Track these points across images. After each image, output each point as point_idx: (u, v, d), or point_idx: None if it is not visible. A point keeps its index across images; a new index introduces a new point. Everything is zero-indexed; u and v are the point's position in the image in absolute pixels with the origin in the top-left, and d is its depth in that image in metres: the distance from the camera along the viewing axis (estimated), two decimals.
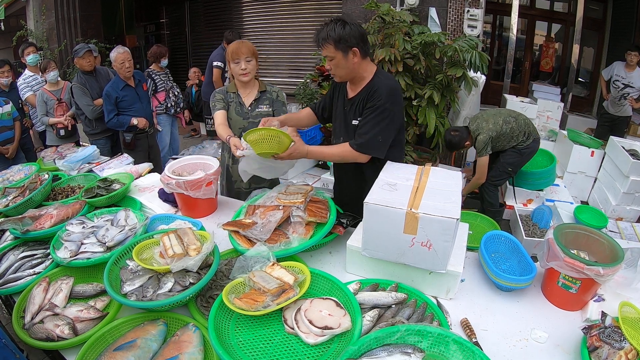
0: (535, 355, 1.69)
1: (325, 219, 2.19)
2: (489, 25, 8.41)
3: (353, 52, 2.26)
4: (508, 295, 2.02)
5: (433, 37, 4.47)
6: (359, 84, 2.44)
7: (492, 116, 4.39)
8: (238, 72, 2.94)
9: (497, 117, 4.36)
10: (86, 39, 7.98)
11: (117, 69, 4.47)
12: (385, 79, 2.40)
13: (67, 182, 3.16)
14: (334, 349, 1.60)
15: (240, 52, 2.91)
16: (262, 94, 3.12)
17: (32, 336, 1.75)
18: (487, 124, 4.32)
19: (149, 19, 10.82)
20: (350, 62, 2.29)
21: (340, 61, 2.29)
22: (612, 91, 6.37)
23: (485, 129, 4.30)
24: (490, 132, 4.27)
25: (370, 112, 2.36)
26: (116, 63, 4.43)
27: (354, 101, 2.45)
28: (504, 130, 4.30)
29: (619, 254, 1.90)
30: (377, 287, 1.95)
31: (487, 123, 4.32)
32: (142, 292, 1.81)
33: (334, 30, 2.22)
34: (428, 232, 1.80)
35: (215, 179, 2.69)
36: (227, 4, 8.61)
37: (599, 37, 8.03)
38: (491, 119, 4.35)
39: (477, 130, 4.36)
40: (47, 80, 5.02)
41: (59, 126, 4.93)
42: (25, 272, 2.16)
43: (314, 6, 7.32)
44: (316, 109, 2.81)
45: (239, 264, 1.91)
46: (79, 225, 2.33)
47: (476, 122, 4.43)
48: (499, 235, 2.33)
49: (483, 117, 4.42)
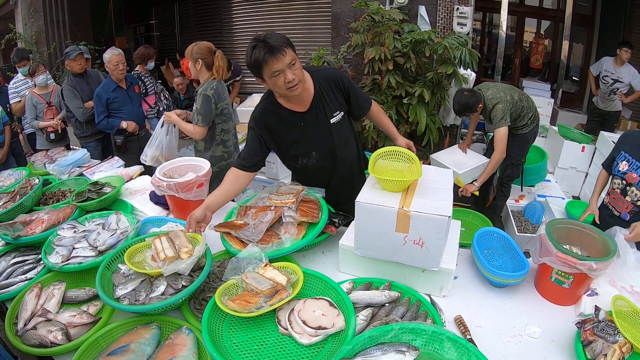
0: (530, 350, 1.69)
1: (317, 219, 2.19)
2: (478, 22, 8.45)
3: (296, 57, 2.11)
4: (501, 292, 2.02)
5: (423, 35, 4.48)
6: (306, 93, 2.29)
7: (507, 89, 4.22)
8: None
9: (512, 91, 4.21)
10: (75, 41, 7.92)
11: (111, 70, 4.44)
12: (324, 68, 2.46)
13: (58, 186, 3.13)
14: (328, 349, 1.60)
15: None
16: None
17: (26, 342, 1.73)
18: (504, 95, 4.13)
19: (138, 21, 10.77)
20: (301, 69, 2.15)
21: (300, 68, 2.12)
22: (602, 87, 6.41)
23: (503, 99, 4.10)
24: (508, 103, 4.09)
25: (352, 89, 2.40)
26: (110, 64, 4.41)
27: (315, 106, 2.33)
28: (517, 107, 4.18)
29: (611, 248, 1.91)
30: (370, 286, 1.95)
31: (505, 94, 4.13)
32: (135, 295, 1.80)
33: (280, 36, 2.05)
34: (420, 230, 1.81)
35: (206, 181, 2.68)
36: (217, 5, 8.59)
37: (588, 33, 8.08)
38: (507, 91, 4.18)
39: (494, 99, 4.14)
40: (36, 83, 4.99)
41: (49, 130, 4.90)
42: (17, 278, 2.14)
43: (304, 6, 7.31)
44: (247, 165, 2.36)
45: (232, 266, 1.91)
46: (70, 229, 2.32)
47: (490, 90, 4.22)
48: (492, 232, 2.33)
49: (498, 88, 4.23)
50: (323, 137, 2.41)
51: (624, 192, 2.72)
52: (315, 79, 2.32)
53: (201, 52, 3.40)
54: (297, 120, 2.34)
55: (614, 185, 2.84)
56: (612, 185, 2.86)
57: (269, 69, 2.03)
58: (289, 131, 2.37)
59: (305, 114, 2.34)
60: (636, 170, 2.65)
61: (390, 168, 2.15)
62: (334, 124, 2.39)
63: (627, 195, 2.70)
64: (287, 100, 2.30)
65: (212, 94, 3.34)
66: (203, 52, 3.41)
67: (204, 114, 3.35)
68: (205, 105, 3.33)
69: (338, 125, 2.41)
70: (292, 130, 2.37)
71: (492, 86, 4.30)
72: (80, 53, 4.71)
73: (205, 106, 3.33)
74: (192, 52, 3.41)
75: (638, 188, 2.64)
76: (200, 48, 3.42)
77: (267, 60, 2.00)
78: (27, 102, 4.97)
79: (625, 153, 2.74)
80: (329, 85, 2.35)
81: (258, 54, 2.00)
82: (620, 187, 2.74)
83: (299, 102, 2.30)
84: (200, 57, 3.40)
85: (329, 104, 2.36)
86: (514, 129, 4.36)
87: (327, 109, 2.35)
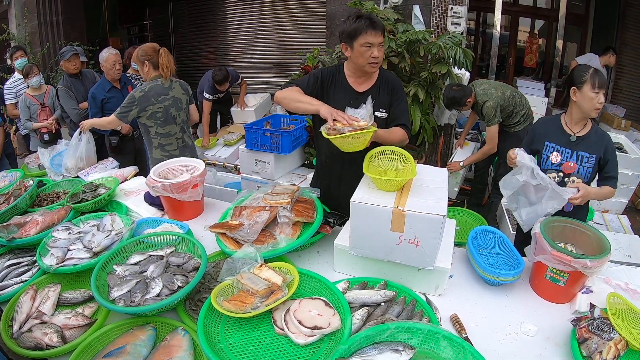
0: (526, 348, 1.70)
1: (312, 219, 2.19)
2: (472, 22, 8.47)
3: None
4: (497, 290, 2.03)
5: (417, 34, 4.47)
6: (370, 78, 2.51)
7: (499, 86, 4.31)
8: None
9: (504, 88, 4.30)
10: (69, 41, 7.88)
11: (107, 69, 4.41)
12: (393, 74, 2.63)
13: (52, 187, 3.13)
14: (325, 349, 1.60)
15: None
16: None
17: (21, 345, 1.72)
18: (495, 91, 4.22)
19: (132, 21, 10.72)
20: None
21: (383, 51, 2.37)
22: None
23: (494, 95, 4.20)
24: (498, 99, 4.19)
25: (401, 102, 2.53)
26: (107, 64, 4.38)
27: (371, 94, 2.43)
28: (510, 103, 4.25)
29: (605, 246, 1.92)
30: (366, 285, 1.95)
31: (496, 91, 4.23)
32: (130, 297, 1.80)
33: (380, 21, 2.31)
34: (415, 229, 1.81)
35: (201, 181, 2.67)
36: (211, 5, 8.56)
37: (582, 32, 8.10)
38: (499, 88, 4.27)
39: (484, 96, 4.26)
40: (30, 85, 4.96)
41: (43, 131, 4.87)
42: (12, 280, 2.14)
43: (298, 6, 7.30)
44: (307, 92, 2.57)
45: (227, 266, 1.90)
46: (65, 231, 2.31)
47: (482, 86, 4.32)
48: (486, 231, 2.35)
49: (490, 85, 4.33)
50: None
51: (562, 184, 2.54)
52: (381, 74, 2.53)
53: (146, 54, 3.38)
54: (351, 96, 2.50)
55: None
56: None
57: (365, 39, 2.28)
58: (338, 98, 2.50)
59: (360, 95, 2.48)
60: (570, 158, 2.53)
61: (385, 168, 2.15)
62: (377, 118, 2.46)
63: (567, 186, 2.54)
64: (353, 77, 2.51)
65: (139, 96, 3.28)
66: (147, 53, 3.39)
67: (121, 109, 3.29)
68: (127, 103, 3.29)
69: (379, 121, 2.48)
70: (342, 100, 2.48)
71: (485, 82, 4.40)
72: (75, 53, 4.68)
73: (126, 103, 3.29)
74: (138, 56, 3.40)
75: (578, 176, 2.53)
76: (143, 50, 3.39)
77: (368, 31, 2.26)
78: (21, 103, 4.94)
79: (552, 143, 2.59)
80: (388, 84, 2.52)
81: (361, 23, 2.27)
82: (557, 180, 2.58)
83: (362, 82, 2.52)
84: (145, 59, 3.38)
85: (381, 99, 2.48)
86: (507, 126, 4.40)
87: (378, 101, 2.44)
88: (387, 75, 2.56)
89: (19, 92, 5.39)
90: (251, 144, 4.63)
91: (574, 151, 2.52)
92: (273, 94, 6.83)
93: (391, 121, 2.53)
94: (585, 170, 2.51)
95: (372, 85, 2.50)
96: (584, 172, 2.52)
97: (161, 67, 3.39)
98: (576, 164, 2.52)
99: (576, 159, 2.52)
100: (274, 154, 4.54)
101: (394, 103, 2.51)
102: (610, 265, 2.22)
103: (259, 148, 4.59)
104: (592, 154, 2.49)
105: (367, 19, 2.27)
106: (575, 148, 2.52)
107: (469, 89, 4.30)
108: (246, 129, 4.65)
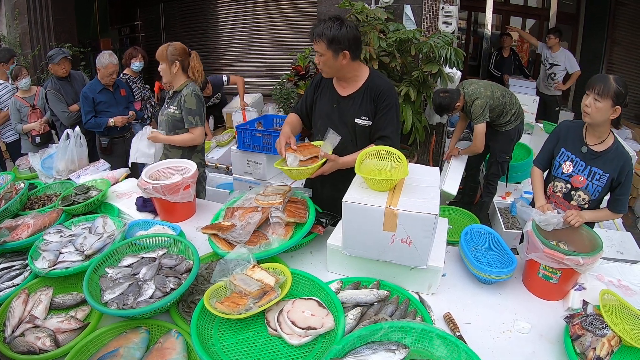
0: (519, 346, 1.71)
1: (304, 219, 2.19)
2: (464, 21, 8.49)
3: (343, 54, 2.32)
4: (490, 288, 2.04)
5: (408, 34, 4.47)
6: (353, 84, 2.50)
7: (489, 85, 4.33)
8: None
9: (494, 87, 4.32)
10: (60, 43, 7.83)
11: (103, 75, 4.40)
12: (385, 79, 2.54)
13: (44, 190, 3.10)
14: (318, 349, 1.60)
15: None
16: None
17: (14, 350, 1.71)
18: (485, 90, 4.24)
19: (123, 22, 10.66)
20: (339, 62, 2.35)
21: (329, 60, 2.34)
22: (542, 71, 6.79)
23: (483, 94, 4.21)
24: (487, 99, 4.20)
25: (387, 111, 2.44)
26: (106, 70, 4.37)
27: (353, 99, 2.48)
28: (499, 102, 4.27)
29: (598, 243, 1.93)
30: (359, 285, 1.95)
31: (485, 90, 4.24)
32: (123, 300, 1.79)
33: (330, 29, 2.26)
34: (407, 228, 1.81)
35: (193, 182, 2.66)
36: (203, 5, 8.54)
37: (573, 31, 8.15)
38: (489, 87, 4.29)
39: (474, 95, 4.26)
40: (19, 87, 4.90)
41: (33, 133, 4.82)
42: (4, 284, 2.11)
43: (289, 6, 7.31)
44: (301, 113, 2.76)
45: (220, 268, 1.90)
46: (57, 234, 2.29)
47: (471, 86, 4.32)
48: (479, 229, 2.35)
49: (480, 84, 4.34)
50: (343, 127, 2.52)
51: (568, 197, 2.51)
52: (369, 79, 2.49)
53: (178, 53, 3.19)
54: (334, 99, 2.56)
55: (554, 188, 2.60)
56: (553, 187, 2.62)
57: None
58: (323, 101, 2.61)
59: (343, 99, 2.53)
60: (582, 172, 2.43)
61: (377, 167, 2.15)
62: (359, 126, 2.49)
63: (573, 199, 2.49)
64: (336, 81, 2.56)
65: (200, 94, 3.25)
66: (180, 53, 3.20)
67: (200, 113, 3.23)
68: (200, 105, 3.22)
69: (360, 129, 2.50)
70: (326, 103, 2.59)
71: (474, 82, 4.41)
72: (64, 57, 4.65)
73: (199, 105, 3.21)
74: (167, 54, 3.16)
75: (585, 192, 2.44)
76: (176, 49, 3.19)
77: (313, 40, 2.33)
78: (11, 106, 4.86)
79: (567, 151, 2.49)
80: (373, 90, 2.46)
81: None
82: (564, 190, 2.52)
83: (345, 86, 2.53)
84: (177, 59, 3.18)
85: (363, 106, 2.47)
86: (497, 125, 4.43)
87: (360, 108, 2.47)
88: (376, 81, 2.48)
89: (3, 100, 5.18)
90: (243, 144, 4.63)
91: (587, 165, 2.42)
92: (265, 94, 6.83)
93: (375, 131, 2.49)
94: (595, 187, 2.42)
95: (356, 90, 2.49)
96: (592, 189, 2.43)
97: (192, 70, 3.28)
98: (586, 179, 2.42)
99: (588, 174, 2.42)
100: (265, 154, 4.54)
101: (379, 111, 2.45)
102: (602, 262, 2.24)
103: (251, 148, 4.60)
104: (606, 173, 2.37)
105: (313, 28, 2.34)
106: (590, 162, 2.41)
107: (457, 93, 4.31)
108: (237, 129, 4.65)
